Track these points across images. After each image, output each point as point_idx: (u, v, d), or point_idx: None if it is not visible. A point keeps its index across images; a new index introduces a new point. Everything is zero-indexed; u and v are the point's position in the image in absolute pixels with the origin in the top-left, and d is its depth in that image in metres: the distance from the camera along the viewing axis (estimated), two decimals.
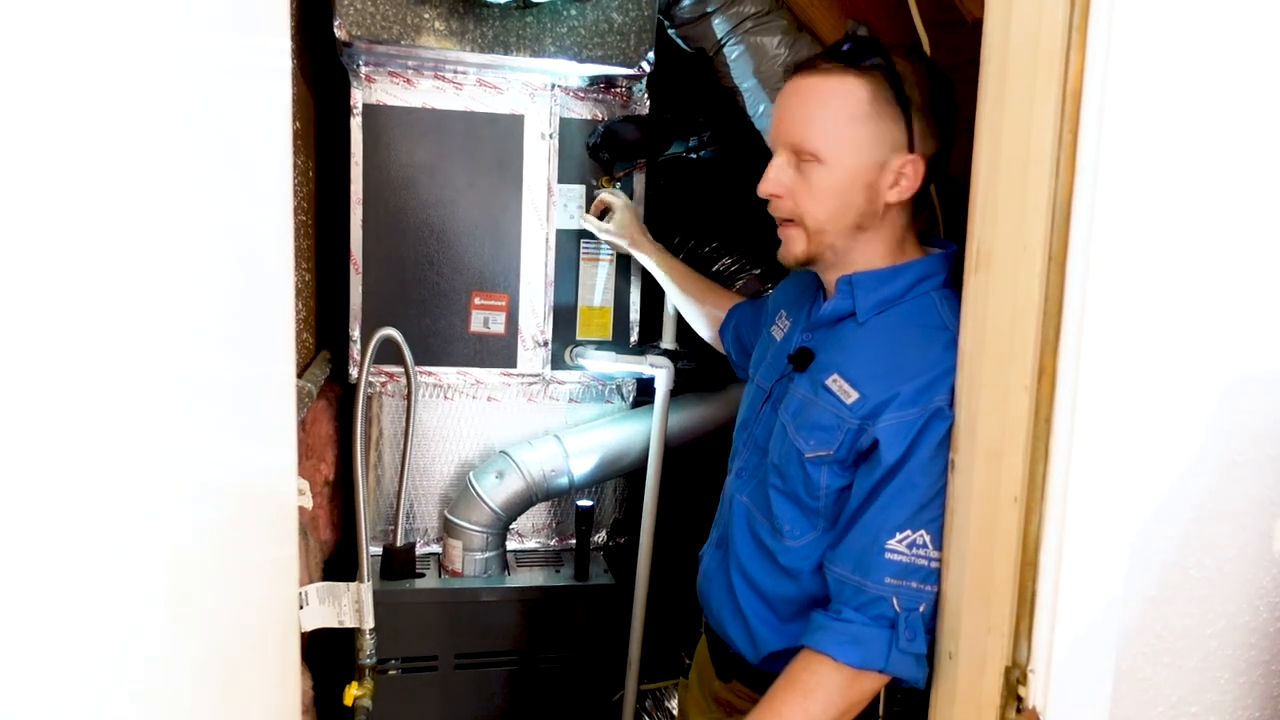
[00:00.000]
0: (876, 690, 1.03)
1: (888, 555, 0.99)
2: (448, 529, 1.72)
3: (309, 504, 1.43)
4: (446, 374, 1.73)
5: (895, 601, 0.99)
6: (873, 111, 1.03)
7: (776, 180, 1.08)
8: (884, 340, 1.07)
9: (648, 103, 1.75)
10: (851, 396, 1.03)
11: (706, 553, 1.27)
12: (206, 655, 0.68)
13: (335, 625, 1.47)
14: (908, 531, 0.99)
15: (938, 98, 1.06)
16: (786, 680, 1.03)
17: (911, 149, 1.04)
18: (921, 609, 0.99)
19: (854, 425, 1.02)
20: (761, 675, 1.13)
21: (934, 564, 0.99)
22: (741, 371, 1.45)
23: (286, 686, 1.04)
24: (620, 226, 1.66)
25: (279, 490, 0.95)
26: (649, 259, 1.63)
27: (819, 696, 1.00)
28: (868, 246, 1.09)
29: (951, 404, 0.98)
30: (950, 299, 1.07)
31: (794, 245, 1.10)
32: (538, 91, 1.70)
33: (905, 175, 1.05)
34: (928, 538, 0.99)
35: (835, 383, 1.06)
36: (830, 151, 1.03)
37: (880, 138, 1.03)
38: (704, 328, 1.60)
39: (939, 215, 1.52)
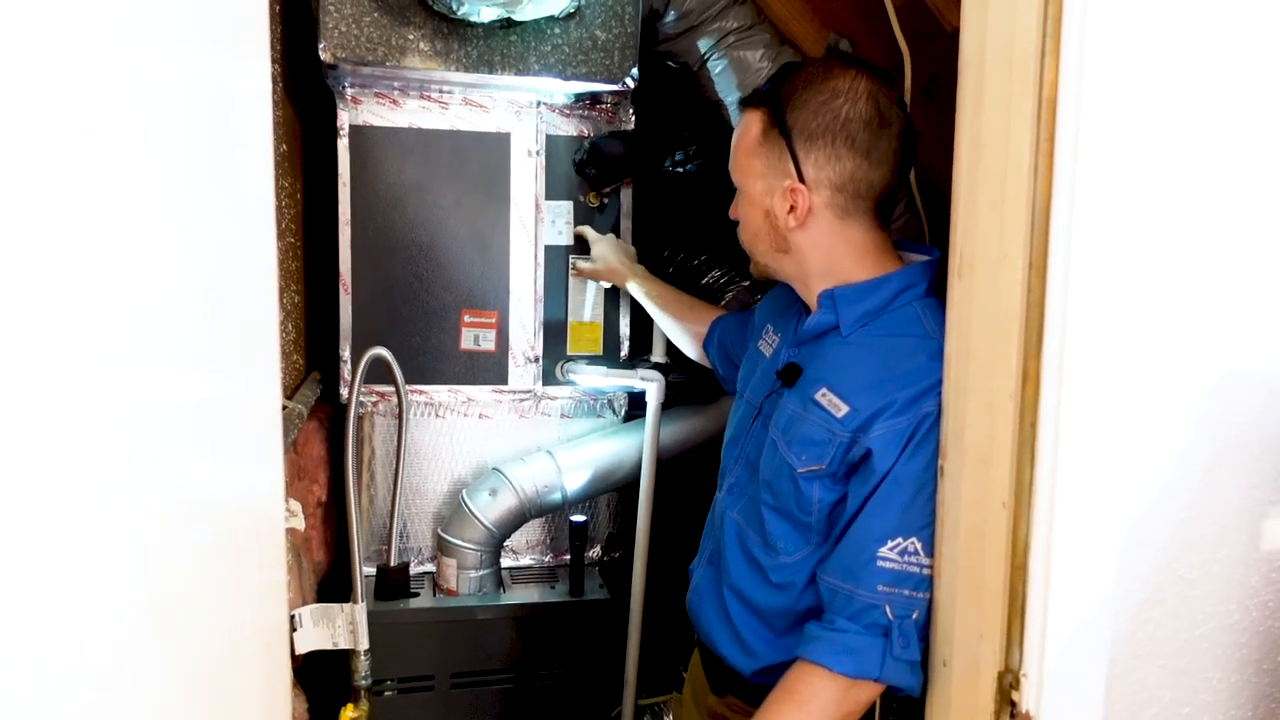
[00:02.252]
0: (872, 700, 1.03)
1: (879, 563, 0.99)
2: (442, 547, 1.71)
3: (301, 525, 1.42)
4: (438, 392, 1.73)
5: (888, 609, 0.99)
6: (764, 142, 1.10)
7: (733, 207, 1.19)
8: (870, 353, 1.07)
9: (633, 118, 1.76)
10: (842, 410, 1.04)
11: (697, 569, 1.26)
12: (192, 681, 0.68)
13: (330, 647, 1.46)
14: (899, 539, 0.99)
15: (851, 120, 1.04)
16: (781, 692, 1.03)
17: (801, 178, 1.06)
18: (914, 616, 0.99)
19: (845, 438, 1.03)
20: (756, 689, 1.12)
21: (925, 571, 0.99)
22: (729, 385, 1.45)
23: (277, 710, 1.04)
24: (597, 259, 1.70)
25: (267, 512, 0.95)
26: (632, 283, 1.65)
27: (814, 708, 1.00)
28: (799, 264, 1.13)
29: (941, 412, 0.99)
30: (933, 308, 1.08)
31: (751, 262, 1.22)
32: (523, 109, 1.71)
33: (796, 203, 1.07)
34: (919, 545, 0.99)
35: (824, 396, 1.06)
36: (741, 181, 1.14)
37: (770, 168, 1.09)
38: (688, 345, 1.60)
39: (924, 223, 1.53)
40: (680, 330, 1.59)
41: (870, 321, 1.09)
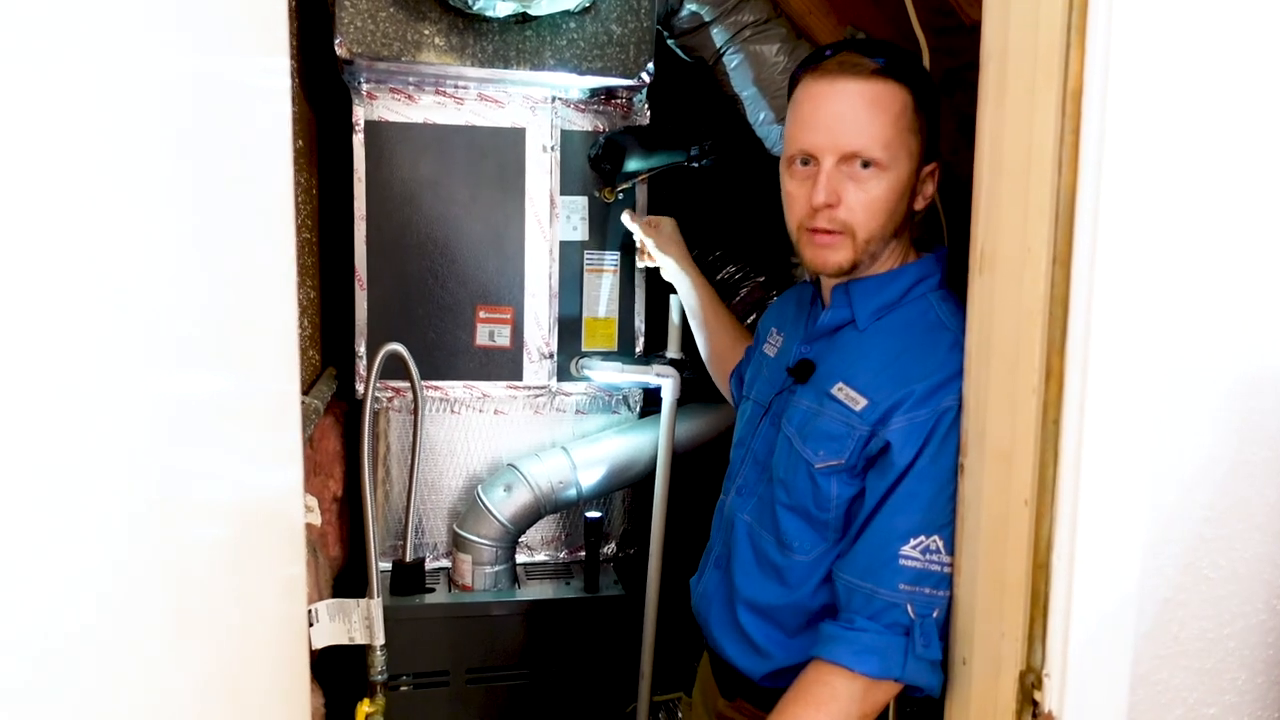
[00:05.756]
0: (890, 699, 1.02)
1: (901, 561, 0.98)
2: (457, 543, 1.71)
3: (318, 521, 1.43)
4: (453, 388, 1.73)
5: (909, 608, 0.98)
6: (914, 121, 1.03)
7: (835, 189, 1.02)
8: (886, 345, 1.06)
9: (648, 113, 1.75)
10: (860, 403, 1.03)
11: (703, 573, 1.25)
12: (213, 674, 0.68)
13: (346, 642, 1.47)
14: (921, 537, 0.98)
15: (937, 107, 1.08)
16: (798, 693, 1.02)
17: (930, 158, 1.07)
18: (935, 615, 0.98)
19: (864, 432, 1.02)
20: (767, 693, 1.11)
21: (946, 569, 0.98)
22: (736, 405, 1.42)
23: (296, 704, 1.04)
24: (665, 243, 1.58)
25: (286, 508, 0.95)
26: (684, 281, 1.56)
27: (833, 709, 0.99)
28: (892, 251, 1.09)
29: (961, 404, 0.98)
30: (947, 299, 1.07)
31: (837, 254, 1.05)
32: (538, 104, 1.70)
33: (929, 183, 1.08)
34: (940, 542, 0.98)
35: (841, 391, 1.05)
36: (891, 159, 1.02)
37: (918, 147, 1.05)
38: (710, 363, 1.56)
39: (942, 218, 1.51)
40: (713, 354, 1.53)
41: (886, 314, 1.08)
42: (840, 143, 1.01)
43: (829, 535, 1.06)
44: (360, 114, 1.64)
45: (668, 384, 1.70)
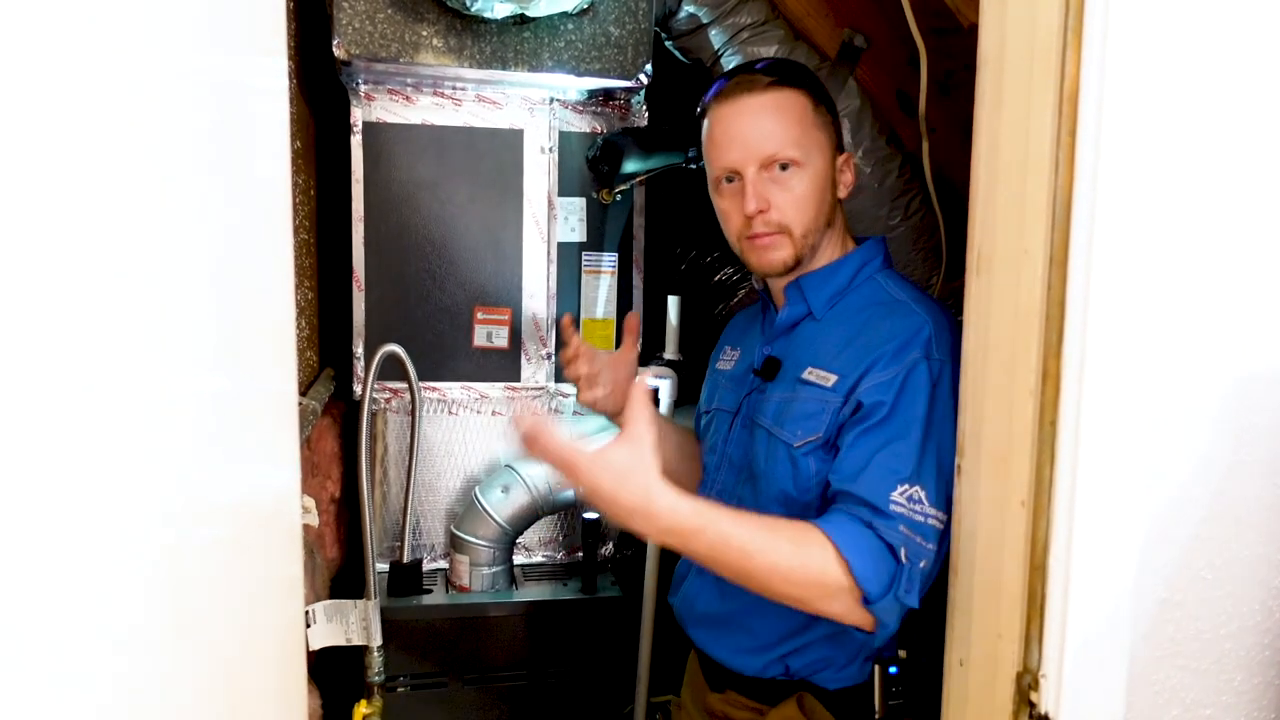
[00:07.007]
0: (838, 617, 0.98)
1: (893, 507, 0.98)
2: (454, 544, 1.71)
3: (315, 522, 1.43)
4: (450, 389, 1.73)
5: (904, 551, 0.97)
6: (817, 118, 1.12)
7: (763, 195, 1.09)
8: (846, 326, 1.10)
9: (646, 114, 1.75)
10: (831, 379, 1.06)
11: (682, 584, 1.25)
12: (210, 676, 0.68)
13: (343, 643, 1.47)
14: (905, 485, 0.99)
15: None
16: (791, 540, 0.96)
17: (841, 149, 1.16)
18: (923, 565, 0.98)
19: (838, 402, 1.05)
20: (755, 682, 1.13)
21: (930, 520, 0.98)
22: None
23: (293, 705, 1.04)
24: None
25: (283, 508, 0.95)
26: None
27: (811, 572, 0.94)
28: (830, 241, 1.15)
29: (927, 355, 1.01)
30: (892, 277, 1.15)
31: (779, 252, 1.11)
32: (536, 106, 1.71)
33: (846, 172, 1.16)
34: (923, 493, 0.98)
35: (812, 373, 1.09)
36: (805, 155, 1.10)
37: (827, 141, 1.13)
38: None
39: (940, 220, 1.51)
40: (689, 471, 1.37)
41: (839, 301, 1.14)
42: (755, 151, 1.09)
43: (811, 515, 1.07)
44: (358, 115, 1.64)
45: (665, 385, 1.70)
